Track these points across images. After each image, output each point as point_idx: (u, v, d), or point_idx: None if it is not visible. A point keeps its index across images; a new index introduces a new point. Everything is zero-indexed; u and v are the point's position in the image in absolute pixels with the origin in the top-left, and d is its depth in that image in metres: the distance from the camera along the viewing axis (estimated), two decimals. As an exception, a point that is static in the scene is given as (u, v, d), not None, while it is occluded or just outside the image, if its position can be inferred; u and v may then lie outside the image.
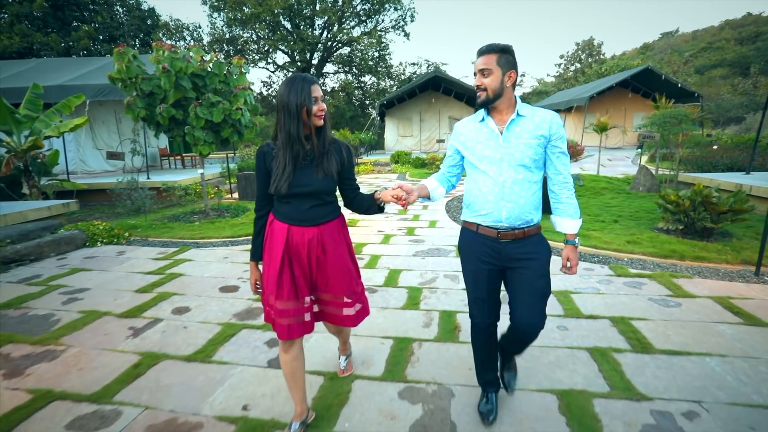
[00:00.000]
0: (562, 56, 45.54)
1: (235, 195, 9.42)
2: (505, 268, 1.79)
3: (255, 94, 7.85)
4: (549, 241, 1.89)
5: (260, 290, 1.86)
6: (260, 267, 1.88)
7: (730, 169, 8.65)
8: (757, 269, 3.70)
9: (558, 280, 3.61)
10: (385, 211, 2.06)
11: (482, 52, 1.65)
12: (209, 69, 6.14)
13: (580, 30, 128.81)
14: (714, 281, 3.63)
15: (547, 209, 2.00)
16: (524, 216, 1.71)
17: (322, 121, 1.70)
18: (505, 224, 1.72)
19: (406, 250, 4.85)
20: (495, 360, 2.00)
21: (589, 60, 42.17)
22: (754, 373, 2.27)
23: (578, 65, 43.15)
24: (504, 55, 1.64)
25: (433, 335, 2.78)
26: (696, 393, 2.11)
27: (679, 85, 16.96)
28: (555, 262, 3.37)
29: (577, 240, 1.79)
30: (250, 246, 2.46)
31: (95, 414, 2.05)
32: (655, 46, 56.49)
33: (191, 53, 6.06)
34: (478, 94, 1.68)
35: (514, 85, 1.69)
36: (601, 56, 42.24)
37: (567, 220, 1.77)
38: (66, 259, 4.78)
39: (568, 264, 1.79)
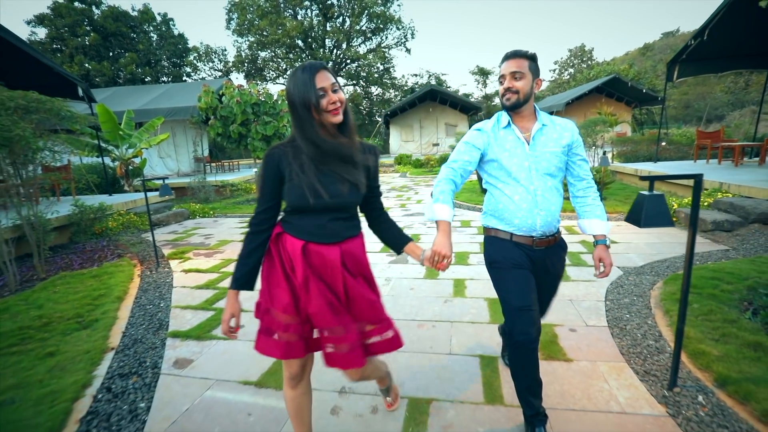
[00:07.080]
0: (556, 62, 48.26)
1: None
2: (534, 273, 1.78)
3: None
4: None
5: (234, 331, 1.44)
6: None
7: (649, 160, 11.18)
8: (600, 214, 6.33)
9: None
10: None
11: (514, 56, 1.64)
12: (262, 99, 8.95)
13: (582, 32, 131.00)
14: (574, 221, 6.24)
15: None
16: (555, 222, 1.74)
17: (341, 116, 1.35)
18: (539, 232, 1.72)
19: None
20: (541, 384, 1.76)
21: (582, 66, 44.67)
22: (550, 246, 4.92)
23: (572, 70, 45.70)
24: (534, 62, 1.65)
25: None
26: (517, 251, 4.76)
27: (644, 91, 19.50)
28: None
29: (607, 240, 1.76)
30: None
31: (256, 264, 4.76)
32: (655, 46, 58.41)
33: (250, 89, 8.88)
34: (507, 96, 1.66)
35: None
36: (592, 61, 44.69)
37: (596, 221, 1.76)
38: (183, 224, 7.56)
39: (602, 266, 1.76)
